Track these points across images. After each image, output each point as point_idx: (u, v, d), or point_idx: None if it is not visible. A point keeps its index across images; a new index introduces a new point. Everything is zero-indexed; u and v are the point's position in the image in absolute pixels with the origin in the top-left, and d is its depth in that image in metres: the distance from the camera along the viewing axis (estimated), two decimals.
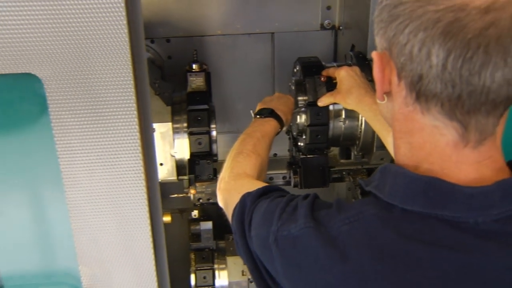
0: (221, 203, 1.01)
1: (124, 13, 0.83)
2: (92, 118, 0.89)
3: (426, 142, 0.65)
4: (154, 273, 1.04)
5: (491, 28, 0.55)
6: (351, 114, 1.35)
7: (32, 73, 0.84)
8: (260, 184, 0.92)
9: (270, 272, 0.79)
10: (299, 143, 1.46)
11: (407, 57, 0.61)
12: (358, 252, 0.66)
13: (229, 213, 0.91)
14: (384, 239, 0.66)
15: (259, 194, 0.85)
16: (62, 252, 1.05)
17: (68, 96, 0.87)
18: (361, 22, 1.49)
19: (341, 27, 1.66)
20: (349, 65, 1.35)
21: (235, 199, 0.88)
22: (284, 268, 0.74)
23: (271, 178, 1.75)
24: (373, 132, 1.34)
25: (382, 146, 1.28)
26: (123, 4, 0.82)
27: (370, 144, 1.40)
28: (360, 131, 1.39)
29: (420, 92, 0.61)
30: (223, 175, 1.05)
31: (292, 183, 1.52)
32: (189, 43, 1.69)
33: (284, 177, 1.68)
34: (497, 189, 0.63)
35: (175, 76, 1.62)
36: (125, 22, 0.84)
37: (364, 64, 1.38)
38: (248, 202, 0.85)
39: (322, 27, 1.68)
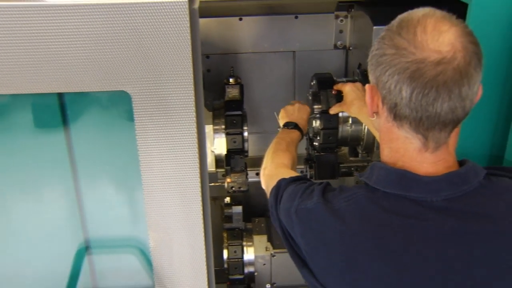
0: (263, 185, 1.34)
1: (189, 42, 1.14)
2: (163, 122, 1.20)
3: (401, 147, 0.96)
4: (203, 238, 1.35)
5: (440, 76, 0.85)
6: (356, 120, 1.65)
7: (125, 90, 1.15)
8: (293, 174, 1.25)
9: (291, 235, 1.10)
10: (314, 143, 1.76)
11: (387, 91, 0.91)
12: (352, 218, 0.97)
13: (268, 192, 1.22)
14: (370, 211, 0.96)
15: (291, 180, 1.17)
16: (135, 222, 1.37)
17: (147, 106, 1.18)
18: (365, 45, 1.78)
19: (350, 48, 1.96)
20: (355, 81, 1.65)
21: (274, 182, 1.20)
22: (301, 231, 1.04)
23: None
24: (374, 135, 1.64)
25: None
26: (189, 36, 1.13)
27: (372, 144, 1.70)
28: (364, 134, 1.69)
29: (396, 114, 0.92)
30: (265, 165, 1.39)
31: (308, 176, 1.83)
32: (225, 59, 2.00)
33: (302, 172, 1.99)
34: (445, 179, 0.93)
35: (213, 86, 1.93)
36: (190, 49, 1.15)
37: (368, 80, 1.69)
38: (282, 185, 1.16)
39: (335, 47, 1.97)
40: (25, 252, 1.36)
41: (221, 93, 1.82)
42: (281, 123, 1.65)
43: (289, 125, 1.60)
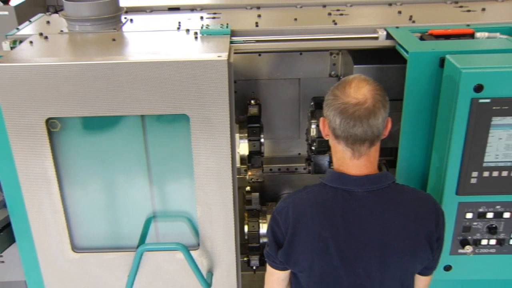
0: None
1: (227, 83, 1.72)
2: (209, 133, 1.78)
3: (340, 157, 1.55)
4: (232, 212, 1.92)
5: (356, 112, 1.44)
6: None
7: (186, 113, 1.74)
8: None
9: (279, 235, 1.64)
10: (312, 147, 2.35)
11: (329, 120, 1.50)
12: (309, 204, 1.56)
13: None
14: (320, 199, 1.56)
15: None
16: (188, 200, 1.95)
17: (199, 123, 1.77)
18: (349, 74, 2.35)
19: (341, 76, 2.53)
20: None
21: None
22: (282, 220, 1.60)
23: (296, 168, 2.66)
24: None
25: None
26: (227, 79, 1.72)
27: None
28: None
29: (335, 135, 1.51)
30: None
31: (307, 170, 2.42)
32: (247, 84, 2.58)
33: (304, 168, 2.59)
34: (365, 178, 1.52)
35: (239, 104, 2.51)
36: (227, 87, 1.73)
37: None
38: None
39: (330, 75, 2.54)
40: (120, 217, 1.96)
41: (245, 110, 2.42)
42: None
43: None
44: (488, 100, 1.58)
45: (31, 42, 1.88)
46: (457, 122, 1.63)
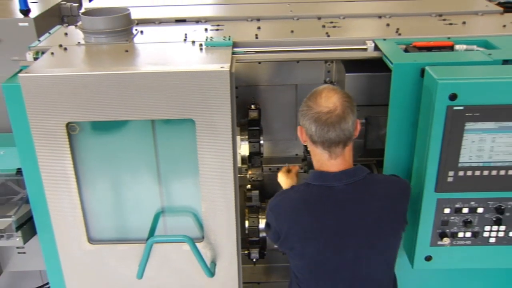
0: None
1: (229, 90, 1.89)
2: (212, 136, 1.96)
3: (319, 159, 1.75)
4: (234, 208, 2.11)
5: (329, 119, 1.64)
6: None
7: (192, 118, 1.93)
8: None
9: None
10: (307, 149, 2.52)
11: (306, 128, 1.71)
12: (297, 201, 1.76)
13: None
14: (307, 196, 1.76)
15: None
16: (193, 197, 2.13)
17: (204, 127, 1.95)
18: (342, 81, 2.53)
19: (334, 83, 2.72)
20: None
21: None
22: (275, 216, 1.82)
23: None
24: None
25: None
26: (229, 86, 1.90)
27: None
28: None
29: (312, 141, 1.71)
30: None
31: (303, 170, 2.60)
32: (248, 89, 2.76)
33: (301, 168, 2.77)
34: (343, 173, 1.72)
35: (240, 109, 2.70)
36: (229, 93, 1.91)
37: None
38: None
39: (325, 82, 2.73)
40: (131, 212, 2.15)
41: (246, 114, 2.60)
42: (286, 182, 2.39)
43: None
44: (461, 108, 1.76)
45: (52, 53, 2.07)
46: (434, 127, 1.81)
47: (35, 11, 2.81)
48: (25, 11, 2.71)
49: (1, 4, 3.06)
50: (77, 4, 3.20)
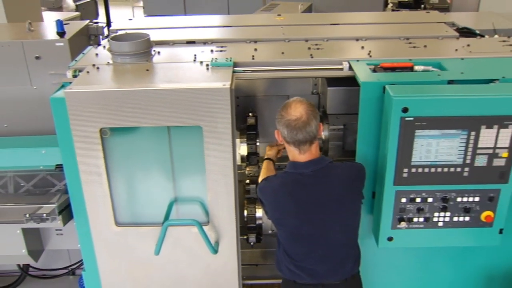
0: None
1: (229, 103, 2.36)
2: (216, 139, 2.43)
3: (292, 154, 2.25)
4: (233, 198, 2.57)
5: (297, 125, 2.15)
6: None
7: (199, 125, 2.38)
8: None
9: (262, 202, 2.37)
10: None
11: (281, 132, 2.21)
12: (279, 186, 2.26)
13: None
14: (284, 180, 2.26)
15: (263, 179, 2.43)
16: (200, 189, 2.59)
17: (210, 132, 2.41)
18: (325, 93, 2.98)
19: (320, 94, 3.17)
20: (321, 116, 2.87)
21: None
22: (263, 196, 2.31)
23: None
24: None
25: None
26: (229, 100, 2.35)
27: (325, 149, 2.92)
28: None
29: (286, 141, 2.20)
30: (261, 178, 2.61)
31: None
32: (247, 99, 3.22)
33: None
34: (310, 162, 2.22)
35: (240, 115, 3.16)
36: (229, 106, 2.37)
37: (325, 116, 2.91)
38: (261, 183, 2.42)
39: (312, 93, 3.19)
40: (150, 200, 2.61)
41: (245, 120, 3.06)
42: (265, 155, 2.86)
43: (268, 158, 2.85)
44: (412, 118, 2.21)
45: (87, 72, 2.54)
46: (391, 134, 2.26)
47: (68, 32, 3.27)
48: (61, 33, 3.19)
49: (35, 25, 3.53)
50: (101, 25, 3.67)
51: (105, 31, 7.51)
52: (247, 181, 3.21)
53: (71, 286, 3.78)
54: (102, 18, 8.87)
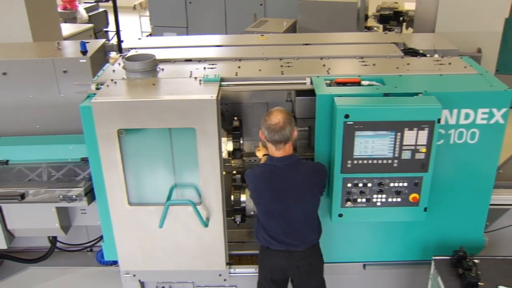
0: None
1: (215, 111, 3.06)
2: (206, 138, 3.13)
3: (271, 150, 2.96)
4: (220, 183, 3.28)
5: (275, 129, 2.86)
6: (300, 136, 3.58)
7: (193, 127, 3.10)
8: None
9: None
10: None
11: (263, 132, 2.92)
12: (258, 173, 2.99)
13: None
14: (262, 170, 2.99)
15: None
16: (196, 177, 3.31)
17: (202, 133, 3.12)
18: (295, 101, 3.68)
19: (292, 101, 3.86)
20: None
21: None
22: (248, 180, 3.04)
23: None
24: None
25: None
26: (215, 109, 3.06)
27: (302, 146, 3.63)
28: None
29: (267, 140, 2.92)
30: None
31: None
32: (234, 105, 3.91)
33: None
34: (282, 158, 2.94)
35: (228, 119, 3.87)
36: (215, 113, 3.07)
37: (295, 119, 3.63)
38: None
39: (286, 101, 3.88)
40: (155, 185, 3.33)
41: (231, 122, 3.78)
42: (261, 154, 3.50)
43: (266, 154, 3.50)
44: (352, 123, 2.92)
45: (107, 85, 3.26)
46: (337, 134, 2.97)
47: (89, 50, 4.00)
48: (84, 52, 3.92)
49: (62, 44, 4.27)
50: (115, 43, 4.40)
51: (115, 39, 8.29)
52: (234, 172, 3.93)
53: (89, 261, 4.51)
54: (112, 26, 9.60)
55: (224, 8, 7.61)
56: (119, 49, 7.38)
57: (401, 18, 7.38)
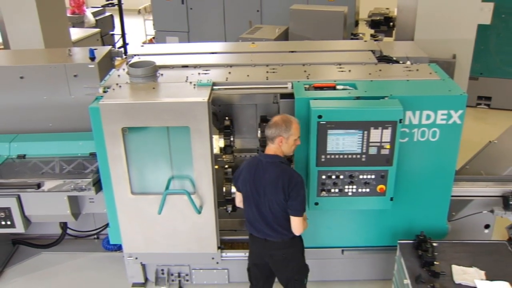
0: None
1: (207, 111, 3.52)
2: (199, 135, 3.59)
3: (268, 147, 3.36)
4: (211, 176, 3.74)
5: (269, 123, 3.29)
6: None
7: (187, 126, 3.56)
8: None
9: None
10: (260, 143, 4.15)
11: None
12: (246, 163, 3.43)
13: None
14: (251, 161, 3.41)
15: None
16: (190, 170, 3.77)
17: (195, 131, 3.58)
18: (279, 103, 4.14)
19: (278, 103, 4.31)
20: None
21: None
22: (237, 173, 3.48)
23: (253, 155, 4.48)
24: None
25: None
26: (207, 109, 3.53)
27: None
28: None
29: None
30: None
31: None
32: (226, 106, 4.37)
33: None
34: (268, 156, 3.33)
35: (221, 119, 4.32)
36: (207, 114, 3.53)
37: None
38: None
39: (273, 102, 4.33)
40: (155, 177, 3.79)
41: (223, 122, 4.23)
42: None
43: None
44: (324, 122, 3.37)
45: (113, 89, 3.73)
46: (312, 132, 3.41)
47: (97, 57, 4.48)
48: (92, 58, 4.39)
49: (72, 51, 4.75)
50: (120, 50, 4.86)
51: (120, 41, 8.80)
52: (226, 166, 4.38)
53: (96, 247, 4.98)
54: (117, 29, 10.09)
55: (223, 14, 8.09)
56: (124, 51, 7.97)
57: (391, 24, 7.82)
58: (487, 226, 4.28)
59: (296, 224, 3.30)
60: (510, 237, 4.74)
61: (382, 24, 7.76)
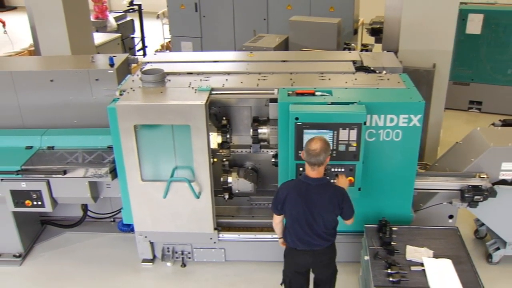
0: None
1: (205, 113, 4.25)
2: (199, 133, 4.33)
3: (307, 169, 3.78)
4: (208, 167, 4.47)
5: (312, 153, 3.57)
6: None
7: (188, 124, 4.29)
8: None
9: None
10: (253, 140, 4.87)
11: (304, 154, 3.68)
12: (292, 186, 3.79)
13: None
14: (297, 184, 3.79)
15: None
16: (190, 161, 4.50)
17: (195, 129, 4.32)
18: (268, 105, 4.84)
19: (267, 105, 5.02)
20: (266, 120, 4.74)
21: None
22: (281, 190, 3.93)
23: (247, 151, 5.20)
24: None
25: None
26: (204, 111, 4.25)
27: None
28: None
29: (305, 160, 3.74)
30: None
31: (251, 151, 4.95)
32: (226, 108, 5.09)
33: (249, 152, 5.12)
34: (315, 179, 3.70)
35: (219, 119, 5.04)
36: (204, 115, 4.27)
37: (269, 120, 4.80)
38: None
39: (265, 105, 5.03)
40: (162, 167, 4.53)
41: (221, 121, 4.96)
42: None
43: None
44: (301, 123, 4.06)
45: (128, 92, 4.49)
46: (290, 132, 4.10)
47: (116, 63, 5.26)
48: (112, 65, 5.18)
49: (95, 57, 5.55)
50: (136, 56, 5.65)
51: (140, 44, 9.68)
52: (223, 159, 5.11)
53: (112, 228, 5.76)
54: (137, 33, 10.92)
55: (233, 22, 8.83)
56: (143, 53, 8.83)
57: None
58: (451, 217, 4.92)
59: (351, 222, 3.90)
60: (477, 229, 5.40)
61: (382, 32, 8.41)
